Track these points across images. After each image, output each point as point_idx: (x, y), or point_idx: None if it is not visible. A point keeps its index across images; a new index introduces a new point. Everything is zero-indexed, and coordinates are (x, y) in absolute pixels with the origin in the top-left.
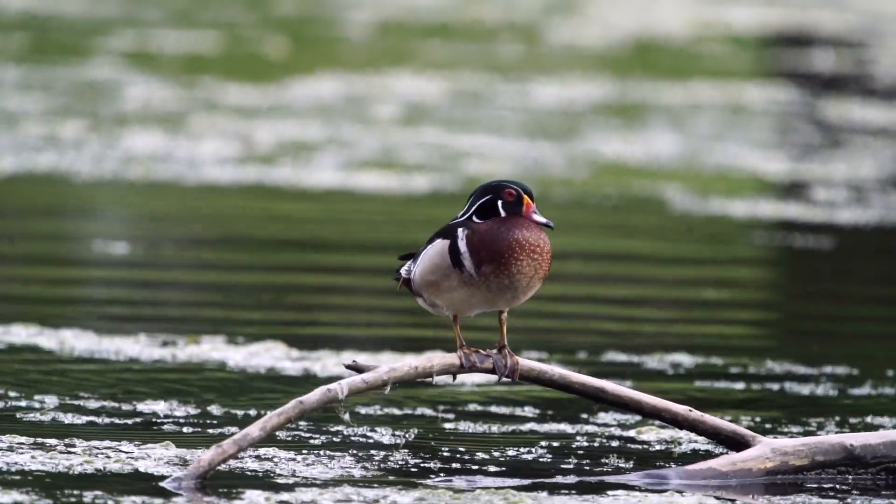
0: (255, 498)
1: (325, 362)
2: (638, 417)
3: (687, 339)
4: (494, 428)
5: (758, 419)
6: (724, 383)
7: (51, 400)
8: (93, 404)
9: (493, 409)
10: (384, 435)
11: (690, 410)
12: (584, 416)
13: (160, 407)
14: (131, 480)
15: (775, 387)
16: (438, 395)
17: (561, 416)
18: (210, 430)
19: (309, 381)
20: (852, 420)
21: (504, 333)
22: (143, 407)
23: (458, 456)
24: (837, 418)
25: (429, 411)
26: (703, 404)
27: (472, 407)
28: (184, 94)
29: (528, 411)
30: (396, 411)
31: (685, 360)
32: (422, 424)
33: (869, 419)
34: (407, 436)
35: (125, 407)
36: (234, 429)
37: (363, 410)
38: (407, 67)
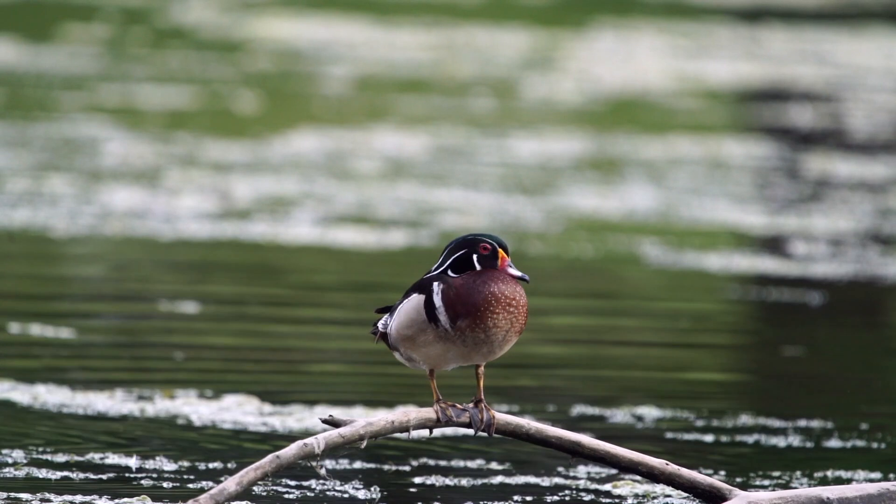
0: None
1: (297, 417)
2: (612, 471)
3: (661, 393)
4: (465, 482)
5: (733, 473)
6: (698, 436)
7: (24, 455)
8: (67, 459)
9: (467, 462)
10: (359, 489)
11: (667, 464)
12: (558, 469)
13: (135, 461)
14: None
15: (750, 440)
16: (413, 449)
17: (534, 470)
18: (187, 485)
19: (282, 435)
20: (828, 473)
21: (481, 387)
22: (118, 461)
23: None
24: (813, 471)
25: (403, 465)
26: (678, 458)
27: (446, 461)
28: (162, 149)
29: (502, 465)
30: (371, 465)
31: (659, 413)
32: (396, 478)
33: (844, 473)
34: (382, 490)
35: (99, 462)
36: (210, 483)
37: (338, 464)
38: (385, 123)
